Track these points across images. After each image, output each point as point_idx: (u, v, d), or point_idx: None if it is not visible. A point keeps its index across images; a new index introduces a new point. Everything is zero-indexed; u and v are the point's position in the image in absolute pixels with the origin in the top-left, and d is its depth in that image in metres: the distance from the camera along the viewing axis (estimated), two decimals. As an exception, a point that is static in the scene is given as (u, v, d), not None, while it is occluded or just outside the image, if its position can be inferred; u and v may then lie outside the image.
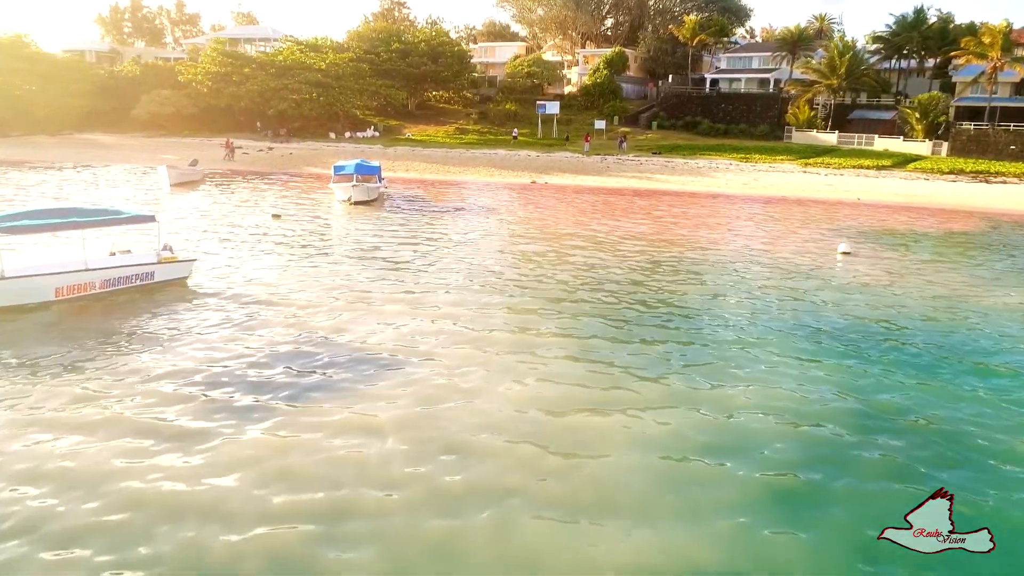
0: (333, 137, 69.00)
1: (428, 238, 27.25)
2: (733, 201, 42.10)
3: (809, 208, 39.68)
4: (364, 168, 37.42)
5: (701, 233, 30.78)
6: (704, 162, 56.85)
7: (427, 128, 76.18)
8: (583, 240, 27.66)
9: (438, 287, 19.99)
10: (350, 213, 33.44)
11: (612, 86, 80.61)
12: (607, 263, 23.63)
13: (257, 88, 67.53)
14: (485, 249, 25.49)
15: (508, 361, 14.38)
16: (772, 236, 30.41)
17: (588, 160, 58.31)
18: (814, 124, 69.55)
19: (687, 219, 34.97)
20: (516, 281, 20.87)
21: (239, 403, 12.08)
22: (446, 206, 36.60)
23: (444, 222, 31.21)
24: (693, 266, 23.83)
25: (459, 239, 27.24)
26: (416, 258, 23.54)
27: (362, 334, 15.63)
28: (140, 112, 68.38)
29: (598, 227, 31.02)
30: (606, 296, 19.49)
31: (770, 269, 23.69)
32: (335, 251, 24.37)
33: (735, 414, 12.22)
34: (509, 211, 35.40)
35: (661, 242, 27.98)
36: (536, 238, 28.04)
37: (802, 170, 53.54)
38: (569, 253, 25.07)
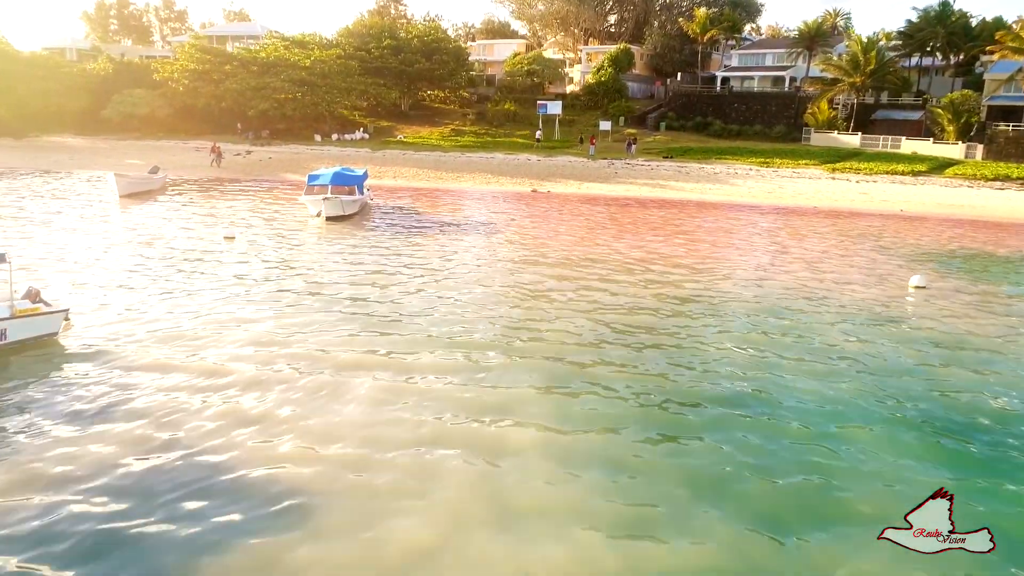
0: (319, 140, 63.80)
1: (408, 267, 22.07)
2: (759, 213, 36.92)
3: (849, 222, 34.52)
4: (343, 178, 32.24)
5: (733, 256, 25.61)
6: (721, 167, 51.67)
7: (421, 130, 71.00)
8: (594, 268, 22.48)
9: (413, 345, 14.84)
10: (321, 232, 28.29)
11: (617, 85, 75.40)
12: (628, 304, 18.40)
13: (236, 87, 62.27)
14: (477, 284, 20.26)
15: (527, 499, 9.32)
16: (818, 260, 25.24)
17: (594, 165, 53.14)
18: (835, 125, 64.38)
19: (712, 235, 29.83)
20: (516, 333, 15.68)
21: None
22: (435, 221, 31.45)
23: (430, 244, 26.04)
24: (734, 307, 18.58)
25: (446, 269, 22.04)
26: (389, 299, 18.33)
27: (289, 444, 10.47)
28: (111, 113, 63.06)
29: (610, 249, 25.86)
30: (635, 359, 14.29)
31: (833, 313, 18.42)
32: (286, 288, 19.12)
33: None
34: (507, 228, 30.25)
35: (687, 269, 22.81)
36: (538, 265, 22.87)
37: (830, 176, 48.37)
38: (579, 289, 19.87)
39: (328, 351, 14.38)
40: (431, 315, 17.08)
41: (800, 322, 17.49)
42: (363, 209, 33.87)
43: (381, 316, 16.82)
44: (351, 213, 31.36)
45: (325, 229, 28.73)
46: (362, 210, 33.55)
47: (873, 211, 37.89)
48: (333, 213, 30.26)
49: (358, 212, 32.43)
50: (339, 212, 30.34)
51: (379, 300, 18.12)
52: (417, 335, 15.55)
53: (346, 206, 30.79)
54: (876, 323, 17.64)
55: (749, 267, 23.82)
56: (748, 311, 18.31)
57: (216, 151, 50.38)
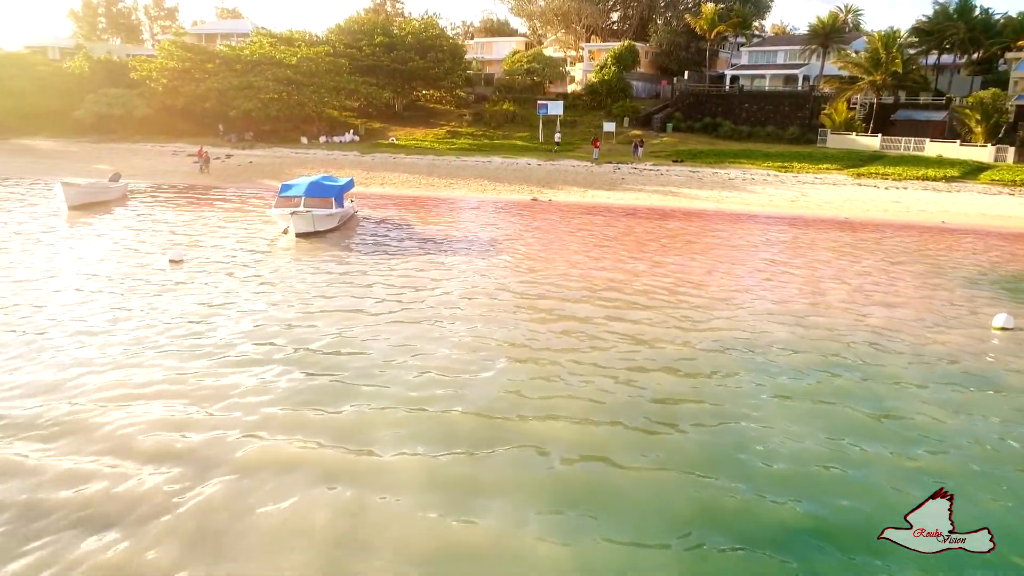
0: (305, 142, 59.73)
1: (381, 302, 18.02)
2: (785, 225, 32.86)
3: (887, 236, 30.48)
4: (319, 188, 28.18)
5: (768, 282, 21.57)
6: (736, 172, 47.62)
7: (415, 131, 66.95)
8: (605, 302, 18.43)
9: (372, 430, 10.89)
10: (288, 253, 24.26)
11: (621, 84, 71.34)
12: (652, 360, 14.29)
13: (217, 86, 58.18)
14: (464, 328, 16.27)
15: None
16: (868, 288, 21.19)
17: (598, 170, 49.10)
18: (853, 126, 60.32)
19: (737, 253, 25.79)
20: (510, 414, 11.67)
21: None
22: (421, 238, 27.41)
23: (411, 271, 21.95)
24: (783, 361, 14.48)
25: (427, 307, 17.95)
26: (351, 353, 14.33)
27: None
28: (84, 114, 58.84)
29: (622, 273, 21.80)
30: (667, 455, 10.27)
31: (907, 370, 14.38)
32: (220, 337, 14.97)
33: None
34: (502, 246, 26.22)
35: (717, 302, 18.77)
36: (539, 299, 18.81)
37: (855, 182, 44.34)
38: (589, 337, 15.86)
39: (255, 436, 10.39)
40: (402, 379, 13.06)
41: (869, 385, 13.40)
42: (346, 222, 29.94)
43: (337, 381, 12.79)
44: (327, 229, 27.36)
45: (294, 249, 24.71)
46: (345, 223, 29.62)
47: (911, 223, 33.85)
48: (304, 229, 26.24)
49: (338, 226, 28.47)
50: (310, 228, 26.29)
51: (336, 355, 14.07)
52: (380, 409, 11.56)
53: (320, 221, 26.76)
54: (966, 385, 13.60)
55: (789, 298, 19.78)
56: (801, 367, 14.24)
57: (203, 156, 46.22)
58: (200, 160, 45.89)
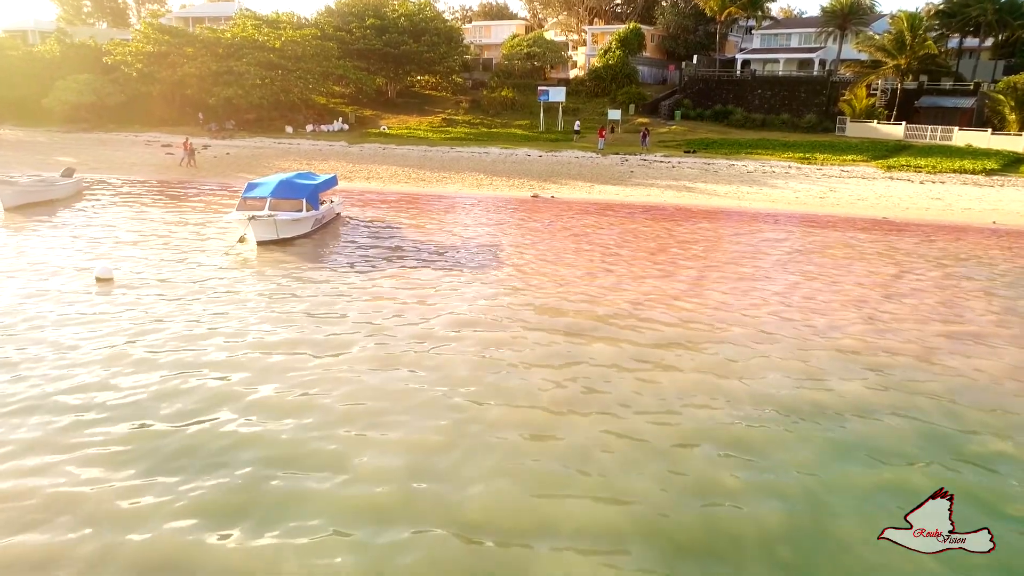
0: (290, 132, 55.58)
1: (347, 338, 14.17)
2: (819, 226, 28.81)
3: (935, 240, 26.50)
4: (289, 188, 24.13)
5: (820, 304, 17.58)
6: (754, 164, 43.55)
7: (408, 119, 62.74)
8: (629, 340, 14.48)
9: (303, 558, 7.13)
10: (246, 267, 20.34)
11: (627, 69, 66.98)
12: (690, 431, 10.42)
13: (196, 72, 53.92)
14: (447, 381, 12.34)
15: None
16: (943, 314, 17.30)
17: (604, 162, 45.03)
18: (874, 113, 56.19)
19: (773, 263, 21.79)
20: (518, 532, 7.98)
21: None
22: (405, 247, 23.45)
23: (390, 292, 17.98)
24: (863, 427, 10.80)
25: (403, 347, 13.97)
26: (294, 428, 10.45)
27: None
28: (53, 101, 54.49)
29: (639, 294, 17.85)
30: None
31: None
32: (108, 405, 11.21)
33: None
34: (497, 257, 22.28)
35: (762, 338, 14.91)
36: (546, 335, 14.90)
37: (886, 175, 40.30)
38: (615, 392, 11.91)
39: None
40: (356, 471, 9.22)
41: (991, 481, 9.68)
42: (327, 225, 26.09)
43: (253, 481, 8.95)
44: (296, 235, 23.42)
45: (253, 262, 20.78)
46: (324, 226, 25.77)
47: (957, 224, 29.85)
48: (266, 237, 22.28)
49: (313, 231, 24.56)
50: (272, 235, 22.30)
51: (259, 434, 10.20)
52: (317, 538, 7.74)
53: (286, 227, 22.78)
54: None
55: (846, 327, 15.91)
56: (892, 447, 10.46)
57: (187, 148, 41.47)
58: (185, 153, 41.36)
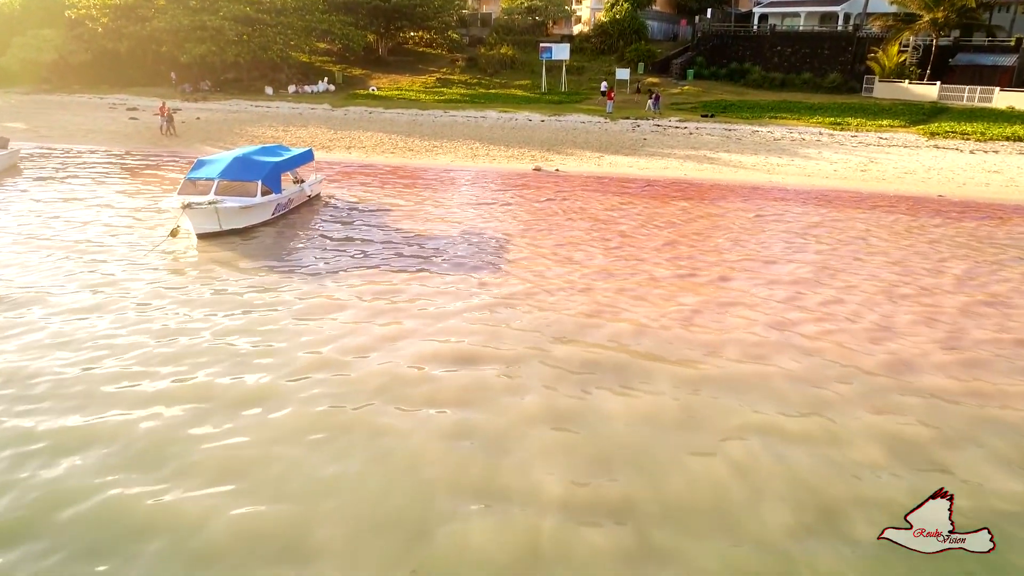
0: (270, 93, 50.63)
1: (285, 383, 10.08)
2: (867, 205, 24.26)
3: (1013, 226, 22.23)
4: (243, 167, 19.43)
5: (904, 327, 13.40)
6: (780, 130, 38.83)
7: (400, 79, 57.61)
8: (662, 383, 10.31)
9: None
10: (173, 271, 16.05)
11: (635, 24, 61.49)
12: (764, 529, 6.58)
13: (166, 26, 48.72)
14: (406, 454, 8.30)
15: None
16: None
17: (614, 127, 40.32)
18: (904, 72, 51.14)
19: (830, 259, 17.38)
20: None
21: None
22: (380, 238, 19.12)
23: (350, 311, 13.81)
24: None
25: (354, 403, 9.87)
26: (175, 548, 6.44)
27: None
28: (11, 60, 49.43)
29: (676, 310, 13.67)
30: None
31: None
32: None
33: None
34: (495, 253, 17.96)
35: (850, 379, 10.77)
36: (561, 382, 10.78)
37: (929, 143, 35.66)
38: (646, 466, 7.94)
39: None
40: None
41: None
42: (298, 209, 21.76)
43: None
44: (249, 225, 19.09)
45: (185, 262, 16.50)
46: (295, 210, 21.46)
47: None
48: (206, 228, 17.94)
49: (276, 217, 20.22)
50: (213, 226, 17.90)
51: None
52: None
53: (233, 216, 18.37)
54: None
55: (948, 367, 11.76)
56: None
57: (165, 113, 36.22)
58: (163, 119, 36.29)
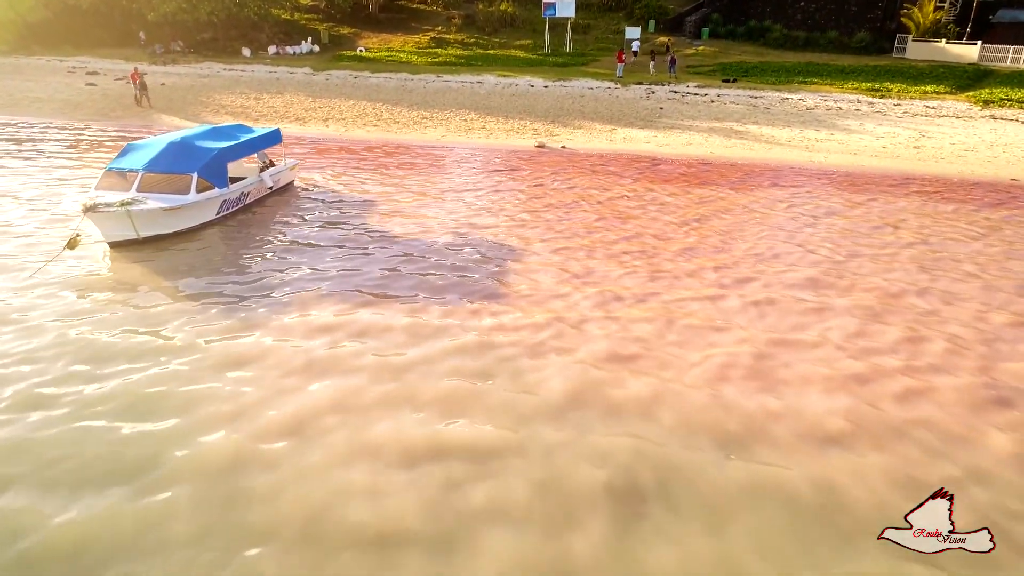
0: (247, 55, 45.86)
1: (164, 496, 6.31)
2: (933, 195, 20.17)
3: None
4: (180, 154, 15.15)
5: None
6: (812, 97, 34.29)
7: (391, 38, 52.65)
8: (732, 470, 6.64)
9: None
10: (61, 296, 12.09)
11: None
12: None
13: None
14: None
15: None
16: None
17: (626, 95, 35.79)
18: (942, 31, 46.23)
19: (926, 280, 13.42)
20: None
21: None
22: (349, 245, 15.05)
23: (285, 364, 9.85)
24: None
25: (282, 513, 6.20)
26: None
27: None
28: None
29: (730, 358, 9.77)
30: None
31: None
32: None
33: None
34: (488, 266, 13.94)
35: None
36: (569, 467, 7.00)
37: (984, 113, 31.22)
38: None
39: None
40: None
41: None
42: (262, 201, 17.68)
43: None
44: (180, 229, 15.02)
45: (83, 284, 12.53)
46: (258, 202, 17.41)
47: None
48: (117, 236, 13.88)
49: (223, 216, 16.12)
50: (128, 233, 13.75)
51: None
52: None
53: (155, 220, 14.20)
54: None
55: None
56: None
57: (136, 80, 31.16)
58: (136, 86, 31.04)
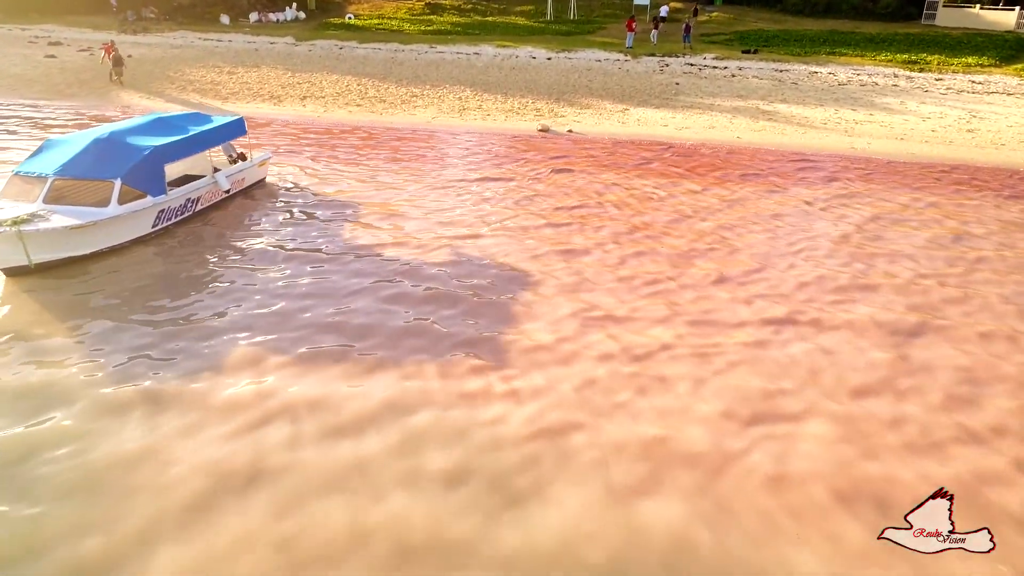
0: (226, 23, 42.17)
1: None
2: (1005, 192, 17.26)
3: None
4: (102, 156, 12.11)
5: None
6: (842, 71, 30.80)
7: (383, 4, 48.70)
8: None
9: None
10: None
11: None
12: None
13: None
14: None
15: None
16: None
17: (638, 68, 32.32)
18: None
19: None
20: None
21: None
22: (304, 272, 12.07)
23: (207, 462, 7.08)
24: None
25: None
26: None
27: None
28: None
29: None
30: None
31: None
32: None
33: None
34: (477, 302, 11.05)
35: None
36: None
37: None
38: None
39: None
40: None
41: None
42: (218, 206, 14.51)
43: None
44: (97, 250, 11.97)
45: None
46: (201, 209, 14.29)
47: None
48: (9, 263, 11.04)
49: (159, 229, 13.01)
50: (19, 260, 10.71)
51: None
52: None
53: (53, 243, 10.97)
54: None
55: None
56: None
57: (110, 52, 27.35)
58: (110, 60, 27.05)
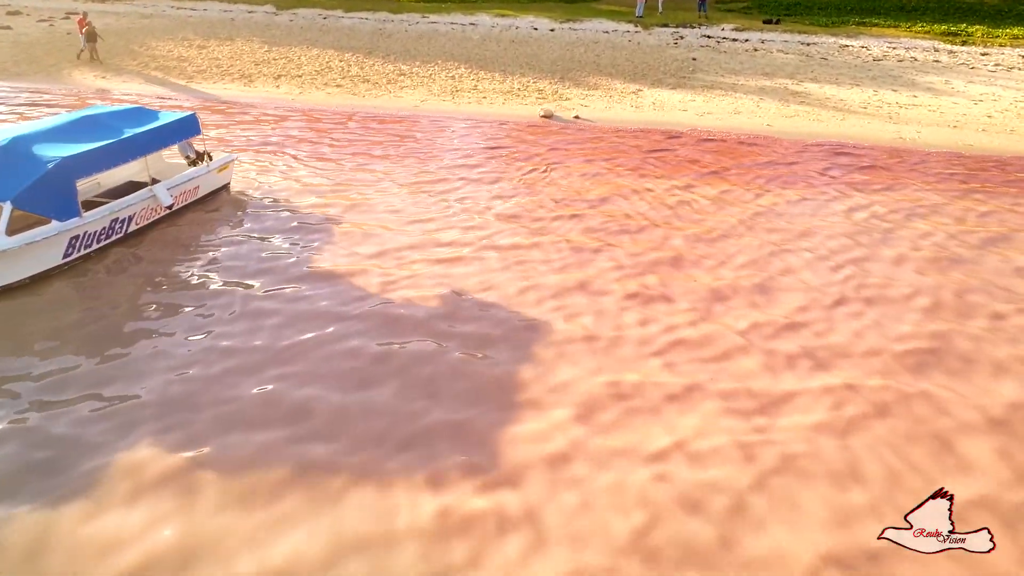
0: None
1: None
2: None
3: None
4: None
5: None
6: (875, 43, 27.69)
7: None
8: None
9: None
10: None
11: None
12: None
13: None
14: None
15: None
16: None
17: (650, 40, 29.16)
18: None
19: None
20: None
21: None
22: (255, 312, 9.51)
23: None
24: None
25: None
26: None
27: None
28: None
29: None
30: None
31: None
32: None
33: None
34: (468, 378, 8.50)
35: None
36: None
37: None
38: None
39: None
40: None
41: None
42: (172, 218, 11.67)
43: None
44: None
45: None
46: (165, 219, 11.46)
47: None
48: None
49: (78, 255, 10.29)
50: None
51: None
52: None
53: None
54: None
55: None
56: None
57: (84, 28, 24.04)
58: (83, 36, 23.87)
